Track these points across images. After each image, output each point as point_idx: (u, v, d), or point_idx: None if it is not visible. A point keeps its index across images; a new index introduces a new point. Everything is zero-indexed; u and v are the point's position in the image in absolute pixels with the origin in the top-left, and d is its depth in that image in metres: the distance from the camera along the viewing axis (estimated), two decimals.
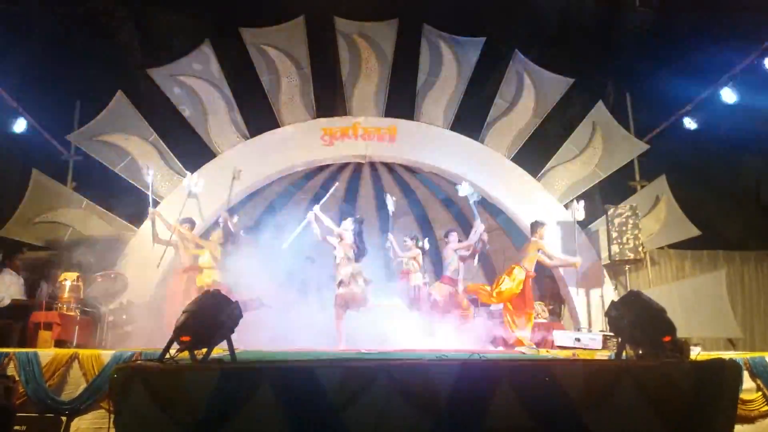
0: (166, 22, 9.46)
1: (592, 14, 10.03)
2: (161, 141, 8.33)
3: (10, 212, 7.64)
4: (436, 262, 8.61)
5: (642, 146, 8.65)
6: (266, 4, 9.18)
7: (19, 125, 7.97)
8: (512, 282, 7.02)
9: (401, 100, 8.94)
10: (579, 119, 8.87)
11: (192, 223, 7.56)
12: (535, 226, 7.40)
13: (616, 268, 8.26)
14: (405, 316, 7.24)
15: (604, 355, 5.48)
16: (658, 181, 8.54)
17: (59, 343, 6.17)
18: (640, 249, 7.75)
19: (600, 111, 8.73)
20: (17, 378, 4.85)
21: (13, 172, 8.43)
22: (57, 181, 8.07)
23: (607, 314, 4.10)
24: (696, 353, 4.59)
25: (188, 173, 7.95)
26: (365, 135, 8.69)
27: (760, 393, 5.10)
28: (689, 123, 8.73)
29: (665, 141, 8.98)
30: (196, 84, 8.48)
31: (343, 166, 9.73)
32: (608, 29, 10.22)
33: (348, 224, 6.93)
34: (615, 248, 7.78)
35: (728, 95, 8.04)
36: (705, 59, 8.68)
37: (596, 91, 9.44)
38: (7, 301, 6.76)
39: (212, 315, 3.54)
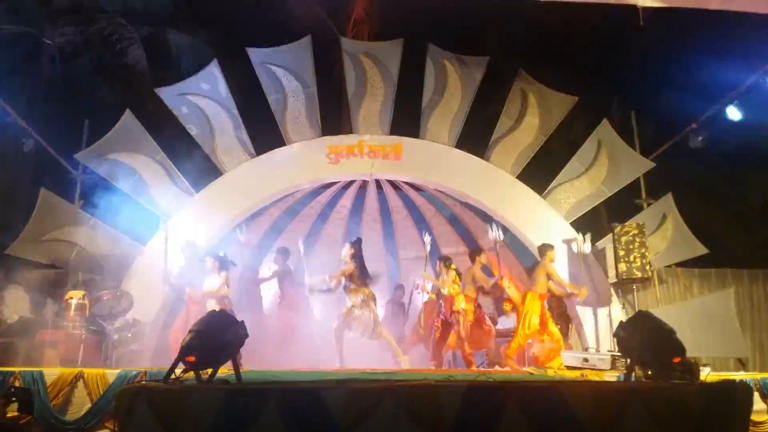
0: (174, 42, 9.59)
1: (596, 32, 10.11)
2: (168, 160, 8.39)
3: (17, 230, 7.68)
4: None
5: (648, 164, 8.63)
6: (273, 25, 9.31)
7: (28, 144, 8.05)
8: (533, 317, 7.00)
9: (406, 119, 8.99)
10: (584, 137, 8.88)
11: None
12: (543, 248, 7.36)
13: (623, 287, 8.20)
14: None
15: (612, 375, 5.43)
16: (664, 199, 8.50)
17: (65, 362, 6.16)
18: (647, 267, 7.69)
19: (605, 129, 8.73)
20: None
21: (21, 190, 8.50)
22: (64, 200, 8.12)
23: (615, 335, 4.07)
24: (706, 374, 4.54)
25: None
26: (371, 153, 8.72)
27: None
28: (695, 141, 8.72)
29: (671, 159, 8.97)
30: (204, 103, 8.56)
31: (348, 184, 9.78)
32: (613, 47, 10.29)
33: (346, 251, 6.91)
34: (622, 267, 7.73)
35: (733, 113, 8.03)
36: (710, 77, 8.71)
37: (601, 108, 9.47)
38: (15, 318, 6.76)
39: (218, 335, 3.52)
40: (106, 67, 9.07)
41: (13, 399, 4.45)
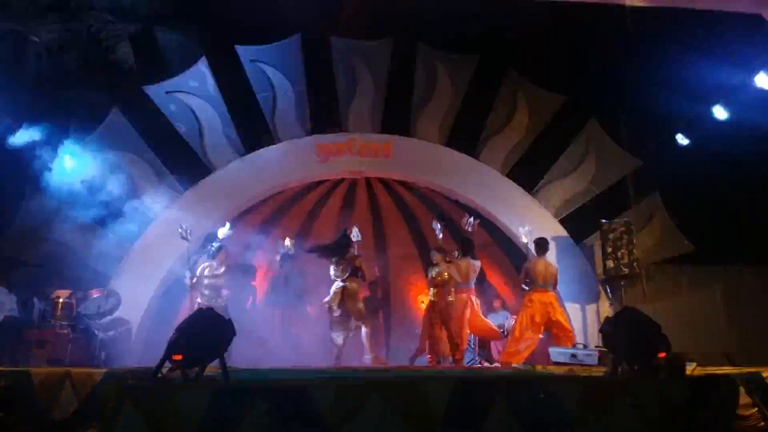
0: (162, 39, 9.51)
1: (584, 31, 10.15)
2: (157, 158, 8.33)
3: (3, 229, 7.60)
4: None
5: (635, 162, 8.71)
6: (262, 22, 9.26)
7: (14, 141, 7.96)
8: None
9: (396, 117, 9.00)
10: (573, 135, 8.94)
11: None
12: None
13: (611, 284, 8.26)
14: None
15: (600, 371, 5.46)
16: (651, 196, 8.59)
17: (52, 362, 6.11)
18: (635, 264, 7.76)
19: (594, 127, 8.80)
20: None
21: (7, 188, 8.39)
22: (51, 198, 8.02)
23: (601, 330, 4.10)
24: (692, 369, 4.58)
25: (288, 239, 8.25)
26: (361, 151, 8.73)
27: (756, 409, 5.08)
28: (682, 139, 8.80)
29: (659, 157, 9.05)
30: (192, 101, 8.51)
31: (338, 182, 9.76)
32: (601, 46, 10.33)
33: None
34: (610, 263, 7.79)
35: (720, 112, 8.12)
36: (698, 76, 8.78)
37: (590, 107, 9.51)
38: (0, 317, 6.69)
39: (205, 333, 3.52)
40: (93, 65, 8.97)
41: None
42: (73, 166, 8.11)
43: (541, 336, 7.33)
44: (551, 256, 8.11)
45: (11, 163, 8.32)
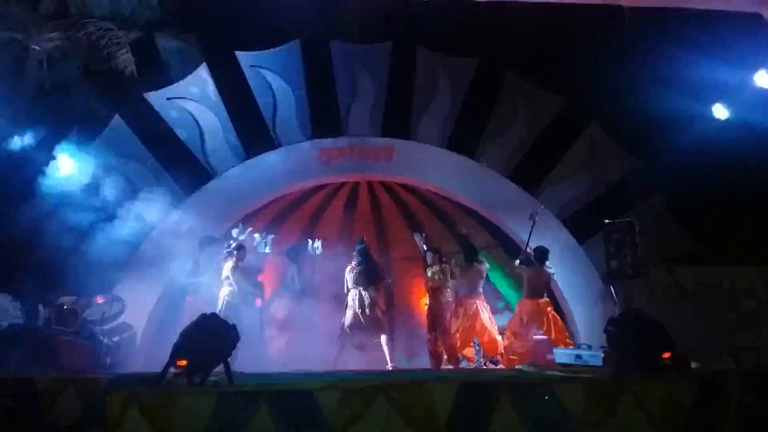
0: (163, 46, 9.55)
1: (584, 32, 10.15)
2: (158, 164, 8.35)
3: (7, 235, 7.61)
4: None
5: (637, 162, 8.71)
6: (262, 27, 9.29)
7: (18, 149, 7.98)
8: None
9: (397, 120, 9.02)
10: (574, 137, 8.94)
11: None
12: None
13: (615, 284, 8.23)
14: None
15: (605, 372, 5.45)
16: (654, 196, 8.58)
17: (56, 368, 6.11)
18: (638, 264, 7.73)
19: (595, 128, 8.80)
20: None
21: (10, 195, 8.42)
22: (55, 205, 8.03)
23: (605, 331, 4.10)
24: (697, 369, 4.57)
25: (240, 225, 8.00)
26: (362, 155, 8.74)
27: (761, 409, 5.06)
28: (684, 138, 8.78)
29: (661, 157, 9.03)
30: (193, 107, 8.55)
31: (340, 186, 9.77)
32: (601, 47, 10.35)
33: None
34: (614, 264, 7.76)
35: (720, 111, 8.11)
36: (698, 75, 8.79)
37: (590, 108, 9.52)
38: (4, 325, 6.70)
39: (209, 338, 3.52)
40: (95, 72, 9.00)
41: None
42: (76, 172, 8.14)
43: (544, 336, 7.32)
44: (553, 258, 8.12)
45: (15, 170, 8.35)
